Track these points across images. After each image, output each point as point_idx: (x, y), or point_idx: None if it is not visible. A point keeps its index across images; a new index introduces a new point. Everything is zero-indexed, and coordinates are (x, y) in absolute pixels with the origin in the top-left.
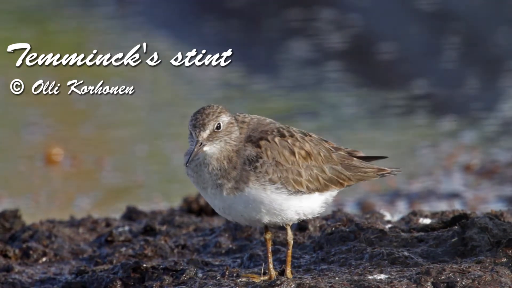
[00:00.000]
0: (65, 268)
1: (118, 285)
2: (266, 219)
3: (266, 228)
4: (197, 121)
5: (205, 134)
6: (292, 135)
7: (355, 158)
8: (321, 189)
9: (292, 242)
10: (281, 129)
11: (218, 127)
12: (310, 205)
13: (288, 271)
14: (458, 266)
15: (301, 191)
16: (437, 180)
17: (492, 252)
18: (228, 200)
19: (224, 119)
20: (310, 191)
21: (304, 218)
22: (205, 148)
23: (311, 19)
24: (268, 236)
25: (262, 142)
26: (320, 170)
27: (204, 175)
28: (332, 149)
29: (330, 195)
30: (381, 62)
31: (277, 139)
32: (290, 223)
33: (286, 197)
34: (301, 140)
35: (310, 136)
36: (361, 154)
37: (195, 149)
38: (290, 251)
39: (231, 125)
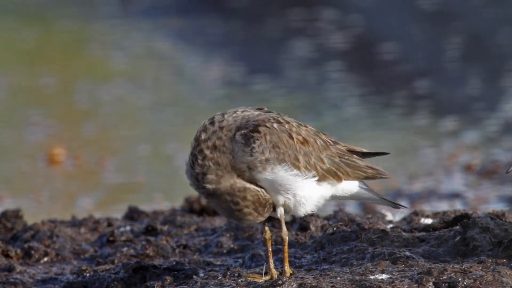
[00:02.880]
0: (67, 268)
1: (120, 285)
2: (273, 195)
3: (265, 227)
4: None
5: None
6: (288, 122)
7: (355, 156)
8: (319, 178)
9: (287, 238)
10: (276, 117)
11: None
12: (310, 189)
13: (286, 267)
14: (460, 266)
15: (299, 175)
16: (438, 180)
17: (493, 252)
18: None
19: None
20: (308, 177)
21: (297, 208)
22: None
23: (313, 19)
24: (268, 236)
25: (262, 128)
26: (319, 158)
27: None
28: (330, 141)
29: (327, 188)
30: (382, 62)
31: (275, 125)
32: (300, 202)
33: (289, 172)
34: (296, 127)
35: (306, 127)
36: (359, 149)
37: None
38: (286, 247)
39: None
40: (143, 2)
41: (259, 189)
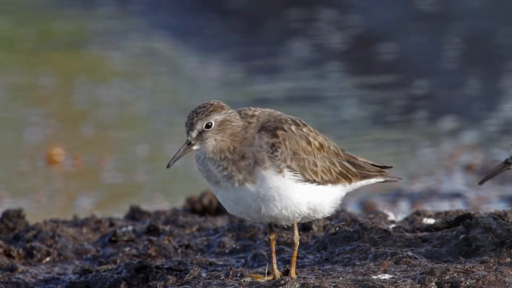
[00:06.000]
0: (69, 268)
1: (122, 285)
2: (275, 210)
3: (271, 228)
4: (188, 120)
5: (193, 134)
6: (305, 125)
7: (359, 158)
8: (334, 181)
9: (298, 243)
10: (293, 119)
11: (208, 126)
12: (323, 197)
13: (293, 271)
14: (462, 266)
15: (316, 181)
16: (438, 180)
17: (496, 252)
18: (240, 192)
19: (217, 117)
20: (324, 182)
21: (314, 215)
22: (194, 147)
23: (312, 19)
24: (272, 236)
25: (279, 132)
26: (332, 162)
27: (212, 170)
28: (339, 148)
29: (341, 190)
30: (382, 62)
31: (293, 128)
32: (299, 219)
33: (301, 185)
34: (313, 130)
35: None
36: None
37: (181, 149)
38: (295, 252)
39: (226, 123)
40: (142, 2)
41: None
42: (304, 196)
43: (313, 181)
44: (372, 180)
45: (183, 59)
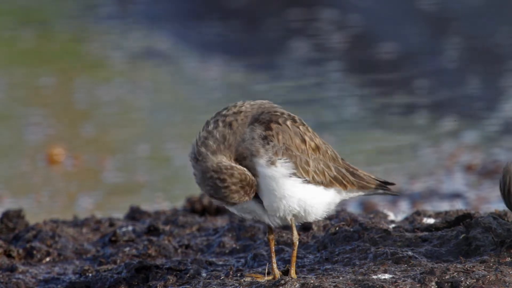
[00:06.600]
0: (69, 268)
1: (122, 285)
2: (265, 201)
3: (270, 228)
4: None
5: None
6: (303, 124)
7: (360, 170)
8: (326, 184)
9: (297, 242)
10: (291, 114)
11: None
12: (314, 196)
13: (293, 270)
14: (462, 265)
15: (307, 180)
16: (438, 180)
17: (496, 251)
18: None
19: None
20: (315, 183)
21: (305, 216)
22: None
23: (312, 19)
24: (272, 236)
25: (274, 125)
26: (326, 165)
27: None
28: (339, 156)
29: (335, 195)
30: (382, 62)
31: (289, 123)
32: (289, 217)
33: (294, 179)
34: (311, 131)
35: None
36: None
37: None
38: (295, 251)
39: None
40: (142, 2)
41: (245, 169)
42: (296, 190)
43: (305, 180)
44: (371, 192)
45: (184, 59)
